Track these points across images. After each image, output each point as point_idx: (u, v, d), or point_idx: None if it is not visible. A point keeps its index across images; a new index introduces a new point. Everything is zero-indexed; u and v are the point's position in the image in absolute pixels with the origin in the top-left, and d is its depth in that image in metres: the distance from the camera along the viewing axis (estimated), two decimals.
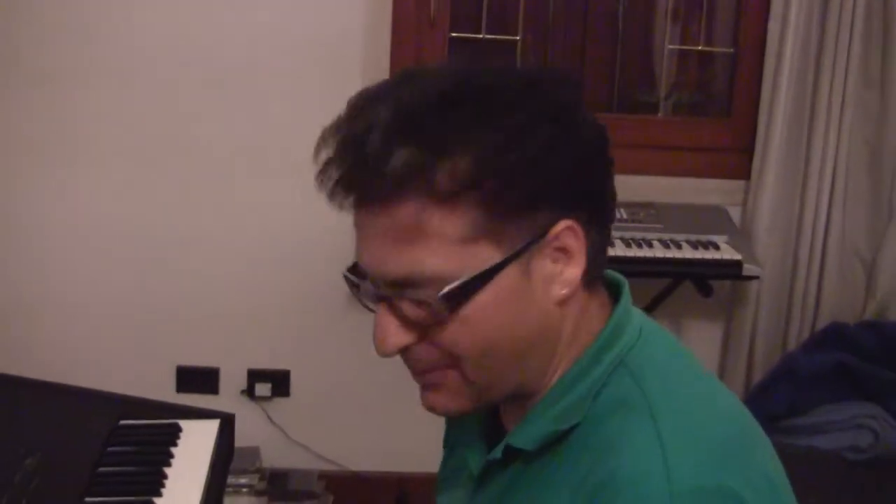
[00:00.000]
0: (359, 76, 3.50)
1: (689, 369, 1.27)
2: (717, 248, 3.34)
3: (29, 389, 2.14)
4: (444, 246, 1.12)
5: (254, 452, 3.74)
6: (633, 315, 1.26)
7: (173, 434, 2.06)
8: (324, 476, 3.84)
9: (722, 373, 3.76)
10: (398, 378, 3.71)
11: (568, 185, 1.16)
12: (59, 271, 3.71)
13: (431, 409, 1.24)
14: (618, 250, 3.22)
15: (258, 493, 3.65)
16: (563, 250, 1.16)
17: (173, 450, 2.01)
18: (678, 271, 3.35)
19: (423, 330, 1.17)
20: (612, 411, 1.17)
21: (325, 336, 3.77)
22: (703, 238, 3.38)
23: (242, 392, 3.82)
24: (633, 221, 3.40)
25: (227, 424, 2.15)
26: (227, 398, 3.77)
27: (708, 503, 1.10)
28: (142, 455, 1.99)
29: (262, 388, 3.83)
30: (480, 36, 3.76)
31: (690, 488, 1.10)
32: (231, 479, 3.47)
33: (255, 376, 3.83)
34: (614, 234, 3.19)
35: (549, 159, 1.14)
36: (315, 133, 1.30)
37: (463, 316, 1.14)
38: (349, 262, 1.83)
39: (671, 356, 1.26)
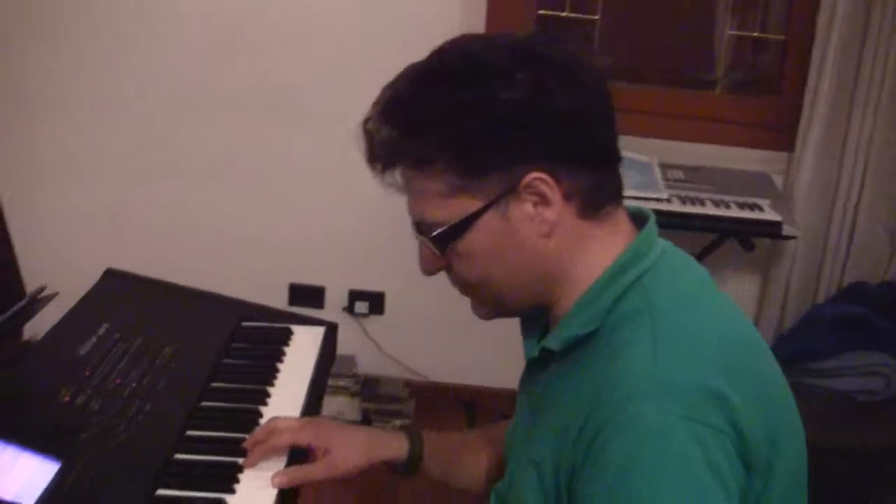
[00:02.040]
0: None
1: (701, 289, 1.31)
2: (760, 209, 3.34)
3: (170, 291, 2.20)
4: (431, 200, 1.26)
5: (351, 360, 3.83)
6: (657, 244, 1.31)
7: (286, 336, 2.10)
8: (408, 384, 3.92)
9: (757, 319, 3.77)
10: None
11: (536, 143, 1.22)
12: (198, 203, 3.81)
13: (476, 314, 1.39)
14: (674, 206, 3.23)
15: (353, 395, 3.73)
16: (539, 195, 1.23)
17: (285, 349, 2.05)
18: (725, 228, 3.35)
19: (445, 260, 1.31)
20: (623, 322, 1.23)
21: (416, 264, 3.78)
22: (749, 200, 3.38)
23: (344, 309, 3.91)
24: (689, 182, 3.41)
25: (331, 331, 2.18)
26: (331, 313, 3.85)
27: (687, 397, 1.13)
28: (259, 351, 2.03)
29: (361, 307, 3.91)
30: (564, 14, 3.77)
31: (672, 383, 1.13)
32: (331, 382, 3.55)
33: (355, 296, 3.91)
34: (672, 191, 3.23)
35: (508, 125, 1.22)
36: None
37: (458, 253, 1.28)
38: None
39: (686, 277, 1.30)
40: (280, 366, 2.00)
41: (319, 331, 2.17)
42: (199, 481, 1.60)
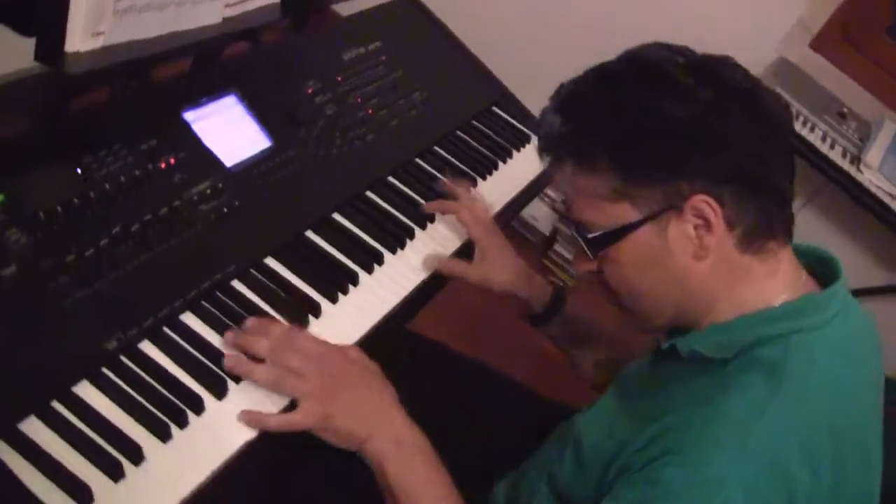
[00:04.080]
0: None
1: (848, 371, 1.20)
2: None
3: (452, 44, 2.13)
4: (591, 201, 1.20)
5: None
6: (833, 306, 1.20)
7: (522, 141, 2.05)
8: None
9: None
10: None
11: (705, 163, 1.13)
12: None
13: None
14: None
15: (554, 210, 3.67)
16: (702, 219, 1.15)
17: (514, 152, 2.00)
18: None
19: (595, 263, 1.26)
20: (753, 367, 1.14)
21: None
22: None
23: None
24: None
25: None
26: None
27: (763, 471, 1.07)
28: (492, 141, 1.99)
29: None
30: None
31: (758, 451, 1.07)
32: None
33: None
34: None
35: (680, 140, 1.13)
36: None
37: (609, 258, 1.23)
38: None
39: (834, 365, 1.18)
40: (501, 165, 1.96)
41: None
42: (375, 228, 1.61)
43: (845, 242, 3.43)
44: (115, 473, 1.08)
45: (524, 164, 2.00)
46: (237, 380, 1.26)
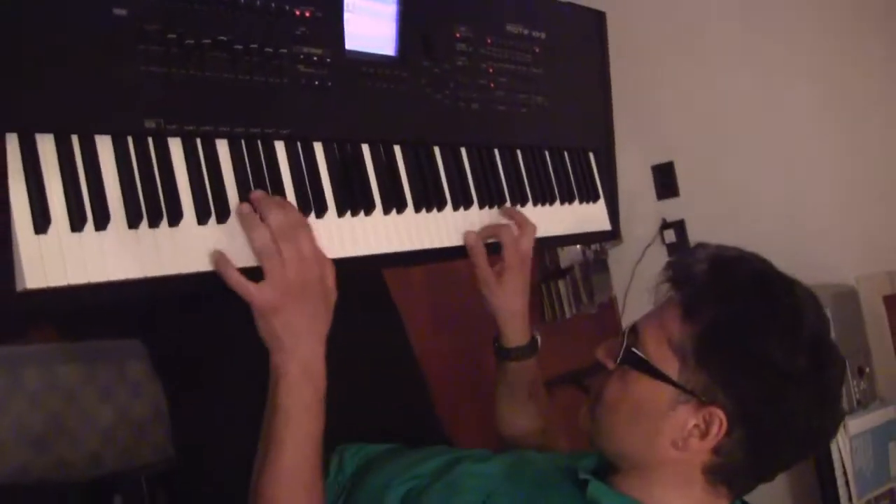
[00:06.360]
0: None
1: None
2: None
3: (602, 79, 2.19)
4: (660, 334, 1.32)
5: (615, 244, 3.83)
6: None
7: (593, 195, 2.13)
8: (602, 308, 3.93)
9: None
10: None
11: (748, 407, 1.26)
12: None
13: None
14: None
15: (583, 252, 3.76)
16: (705, 429, 1.27)
17: (577, 201, 2.08)
18: None
19: (613, 369, 1.36)
20: None
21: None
22: None
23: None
24: None
25: (608, 235, 2.20)
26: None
27: None
28: (566, 179, 2.06)
29: (668, 236, 3.88)
30: None
31: None
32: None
33: (672, 225, 3.87)
34: None
35: (753, 376, 1.25)
36: None
37: (626, 378, 1.34)
38: None
39: None
40: (556, 204, 2.03)
41: (605, 222, 2.19)
42: (417, 180, 1.72)
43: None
44: (77, 225, 1.21)
45: (573, 216, 2.09)
46: (224, 218, 1.37)
